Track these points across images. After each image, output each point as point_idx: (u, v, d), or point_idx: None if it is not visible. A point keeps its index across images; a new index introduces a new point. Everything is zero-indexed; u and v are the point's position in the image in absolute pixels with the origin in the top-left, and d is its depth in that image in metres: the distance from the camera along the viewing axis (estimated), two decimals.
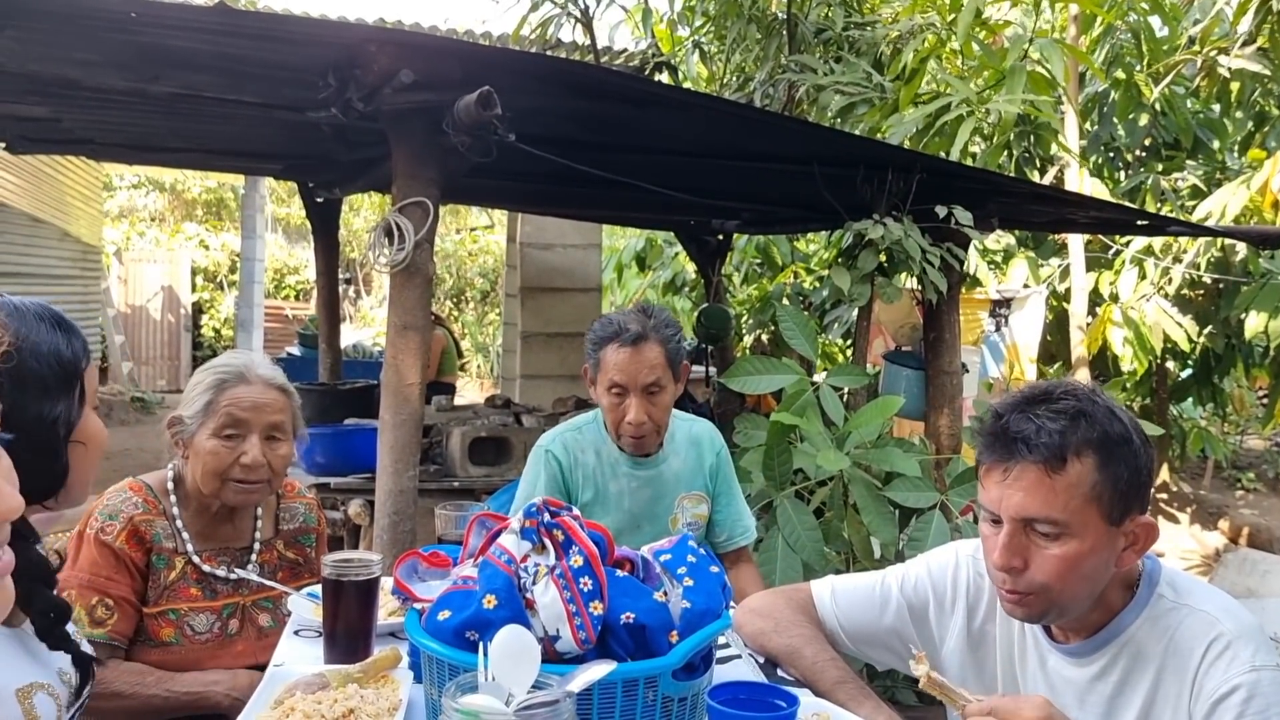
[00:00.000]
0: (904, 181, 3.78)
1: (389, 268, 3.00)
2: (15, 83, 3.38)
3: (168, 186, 17.27)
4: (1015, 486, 1.39)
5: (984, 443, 1.45)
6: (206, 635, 1.93)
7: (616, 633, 1.35)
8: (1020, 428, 1.40)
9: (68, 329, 1.36)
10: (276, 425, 1.99)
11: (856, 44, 5.64)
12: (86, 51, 3.00)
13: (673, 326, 2.40)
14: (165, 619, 1.90)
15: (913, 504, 3.30)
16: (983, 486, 1.45)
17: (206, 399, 1.95)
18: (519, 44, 6.19)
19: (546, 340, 7.14)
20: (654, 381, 2.32)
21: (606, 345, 2.35)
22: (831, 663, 1.64)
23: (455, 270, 17.43)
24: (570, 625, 1.32)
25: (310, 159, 4.78)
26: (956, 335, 4.19)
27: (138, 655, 1.88)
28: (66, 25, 2.75)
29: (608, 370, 2.34)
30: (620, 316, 2.38)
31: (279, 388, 2.02)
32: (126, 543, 1.87)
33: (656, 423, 2.37)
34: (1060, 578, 1.38)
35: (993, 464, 1.43)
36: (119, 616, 1.84)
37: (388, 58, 2.78)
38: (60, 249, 9.91)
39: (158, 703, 1.81)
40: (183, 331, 14.37)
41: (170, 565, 1.92)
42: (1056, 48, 4.93)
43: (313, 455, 4.34)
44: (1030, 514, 1.38)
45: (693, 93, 5.46)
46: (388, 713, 1.38)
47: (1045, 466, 1.37)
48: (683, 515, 2.50)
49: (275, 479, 2.00)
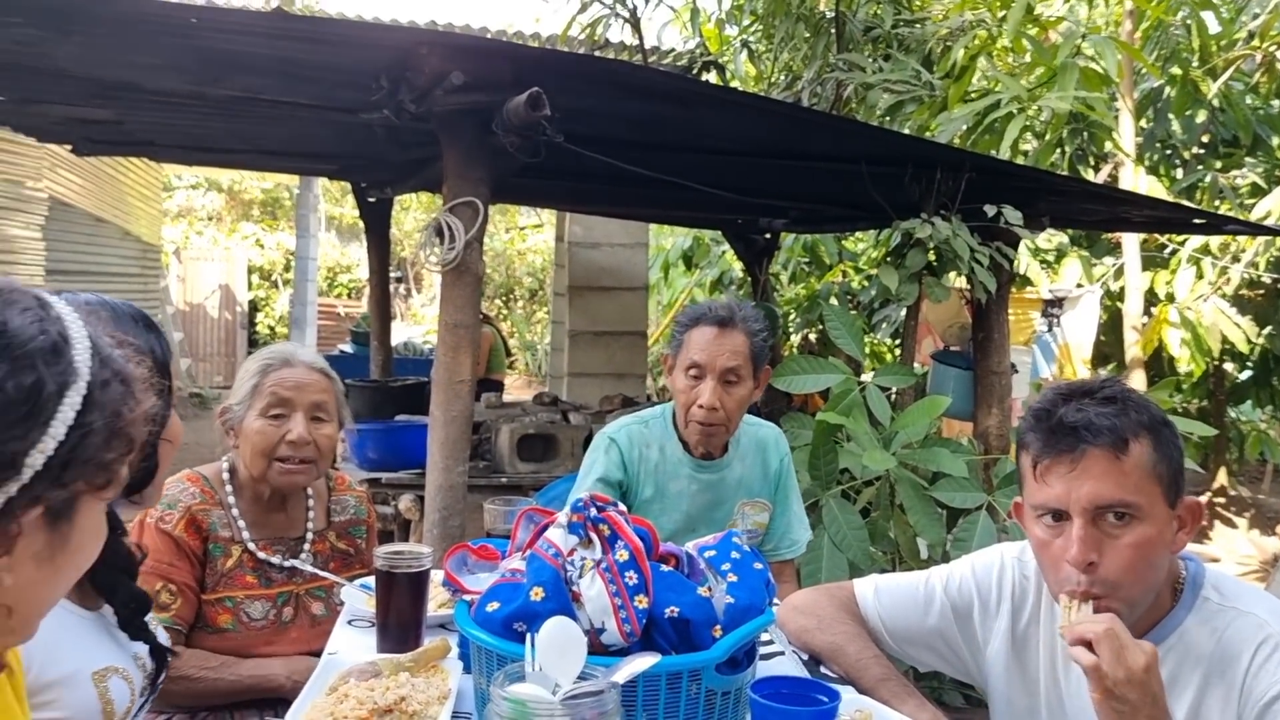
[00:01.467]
0: (953, 180, 3.75)
1: (439, 266, 3.04)
2: (81, 87, 3.48)
3: (225, 187, 17.59)
4: (1085, 476, 1.38)
5: (1040, 439, 1.43)
6: (262, 622, 1.99)
7: (661, 626, 1.37)
8: (1076, 418, 1.40)
9: (155, 329, 1.42)
10: (320, 405, 2.05)
11: (905, 41, 5.59)
12: (149, 56, 3.08)
13: (761, 324, 2.36)
14: (222, 606, 1.96)
15: (959, 504, 3.29)
16: (1041, 484, 1.43)
17: (253, 383, 2.02)
18: (568, 44, 6.23)
19: (594, 338, 7.18)
20: (733, 369, 2.28)
21: (693, 327, 2.32)
22: (874, 660, 1.65)
23: (504, 269, 17.57)
24: (615, 618, 1.34)
25: (363, 159, 4.86)
26: (1006, 335, 4.16)
27: (196, 641, 1.94)
28: (129, 31, 2.83)
29: (690, 350, 2.30)
30: (711, 302, 2.37)
31: (321, 371, 2.09)
32: (185, 531, 1.94)
33: (728, 414, 2.31)
34: (1134, 569, 1.38)
35: (1055, 458, 1.41)
36: (182, 602, 1.91)
37: (439, 60, 2.82)
38: (121, 248, 10.14)
39: (224, 685, 1.88)
40: (239, 329, 14.64)
41: (227, 553, 1.99)
42: (1110, 43, 4.85)
43: (364, 451, 4.41)
44: (1105, 500, 1.37)
45: (740, 92, 5.46)
46: (437, 701, 1.41)
47: (1113, 450, 1.37)
48: (742, 522, 2.45)
49: (322, 459, 2.05)
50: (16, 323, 0.77)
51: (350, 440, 4.51)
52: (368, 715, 1.34)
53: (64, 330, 0.80)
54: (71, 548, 0.82)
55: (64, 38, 2.88)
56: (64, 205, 8.29)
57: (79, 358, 0.79)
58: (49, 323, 0.79)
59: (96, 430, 0.78)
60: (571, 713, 1.11)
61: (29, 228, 7.61)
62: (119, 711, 1.36)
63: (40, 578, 0.81)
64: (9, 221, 7.35)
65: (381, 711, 1.35)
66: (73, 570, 0.84)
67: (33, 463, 0.74)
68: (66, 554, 0.82)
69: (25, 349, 0.76)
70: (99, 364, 0.81)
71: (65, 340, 0.79)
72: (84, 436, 0.77)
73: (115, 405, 0.81)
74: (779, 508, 2.53)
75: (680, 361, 2.34)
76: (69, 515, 0.80)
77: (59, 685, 1.28)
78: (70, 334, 0.80)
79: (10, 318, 0.77)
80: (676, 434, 2.41)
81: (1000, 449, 4.05)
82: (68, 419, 0.76)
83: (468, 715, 1.45)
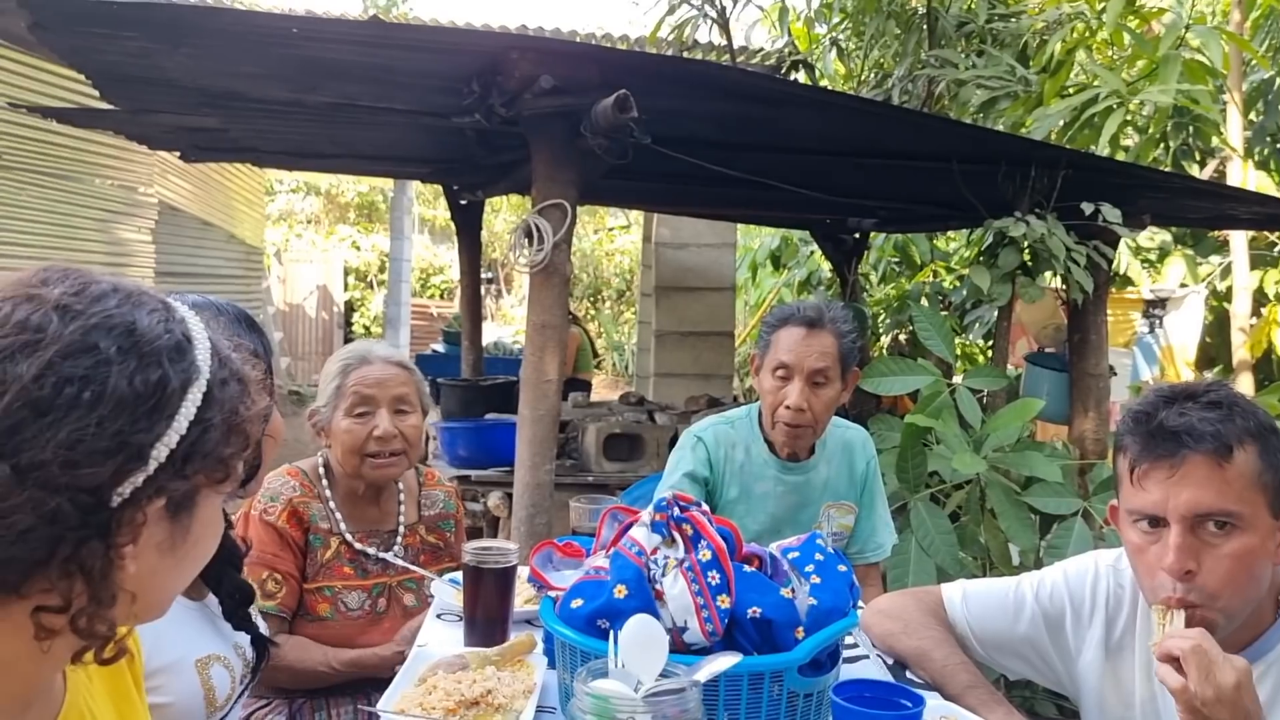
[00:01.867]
0: (1048, 177, 3.66)
1: (528, 268, 3.08)
2: (189, 96, 3.62)
3: (323, 190, 18.08)
4: (1185, 482, 1.34)
5: (1140, 443, 1.40)
6: (358, 612, 2.05)
7: (743, 626, 1.37)
8: (1178, 422, 1.36)
9: (257, 329, 1.49)
10: (402, 398, 2.10)
11: (1000, 36, 5.47)
12: (252, 65, 3.19)
13: (850, 325, 2.34)
14: (322, 595, 2.03)
15: (1053, 510, 3.21)
16: (1139, 489, 1.39)
17: (335, 384, 2.08)
18: (656, 46, 6.25)
19: (680, 339, 7.18)
20: (821, 370, 2.26)
21: (781, 327, 2.31)
22: (962, 666, 1.62)
23: (592, 270, 17.69)
24: (698, 618, 1.35)
25: (455, 163, 4.95)
26: (1103, 336, 4.04)
27: (298, 629, 2.02)
28: (235, 42, 2.94)
29: (777, 351, 2.29)
30: (800, 302, 2.37)
31: (399, 364, 2.14)
32: (287, 522, 2.01)
33: (816, 416, 2.28)
34: (1233, 580, 1.33)
35: (1154, 463, 1.37)
36: (286, 590, 1.99)
37: (528, 64, 2.86)
38: (226, 250, 10.51)
39: (323, 669, 1.95)
40: (335, 328, 15.05)
41: (326, 545, 2.06)
42: (1215, 34, 4.67)
43: (455, 448, 4.49)
44: (1205, 508, 1.33)
45: (828, 91, 5.40)
46: (522, 695, 1.44)
47: (1215, 456, 1.33)
48: (828, 524, 2.43)
49: (411, 450, 2.11)
50: (145, 323, 0.81)
51: (441, 438, 4.60)
52: (455, 707, 1.37)
53: (187, 331, 0.85)
54: (191, 539, 0.86)
55: (174, 50, 3.00)
56: (173, 210, 8.63)
57: (200, 357, 0.84)
58: (173, 323, 0.84)
59: (215, 426, 0.83)
60: (653, 710, 1.12)
61: (140, 231, 7.95)
62: (220, 698, 1.42)
63: (163, 567, 0.84)
64: (122, 225, 7.69)
65: (468, 703, 1.39)
66: (192, 562, 0.89)
67: (157, 455, 0.79)
68: (187, 545, 0.85)
69: (153, 346, 0.80)
70: (218, 363, 0.85)
71: (188, 340, 0.84)
72: (204, 431, 0.82)
73: (233, 403, 0.85)
74: (864, 510, 2.50)
75: (768, 362, 2.32)
76: (189, 507, 0.84)
77: (164, 672, 1.34)
78: (193, 334, 0.85)
79: (139, 318, 0.81)
80: (762, 435, 2.40)
81: (1097, 453, 3.94)
82: (190, 414, 0.81)
83: (552, 709, 1.48)
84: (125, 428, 0.77)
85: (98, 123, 5.04)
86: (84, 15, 2.77)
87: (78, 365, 0.76)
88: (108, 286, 0.84)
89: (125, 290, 0.85)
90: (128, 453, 0.77)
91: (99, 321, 0.80)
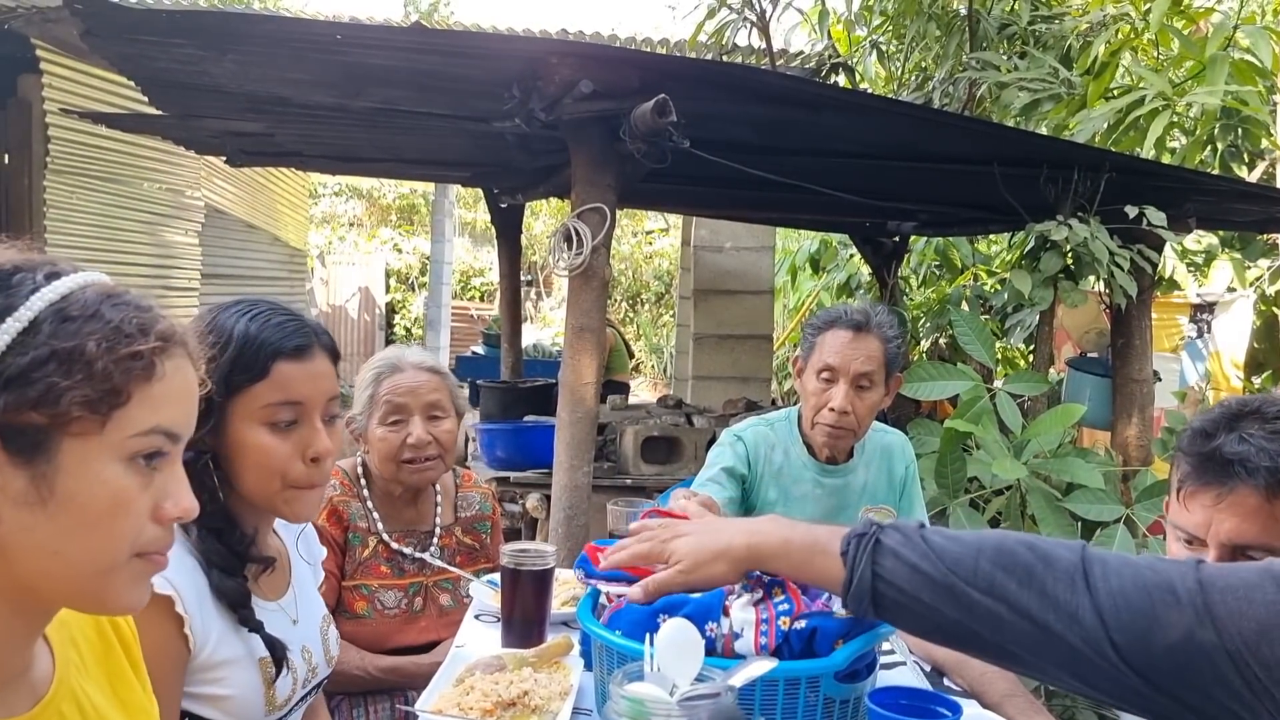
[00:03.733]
0: (1091, 180, 3.62)
1: (568, 271, 3.10)
2: (235, 102, 3.69)
3: (365, 194, 18.25)
4: (1230, 512, 1.31)
5: (1191, 464, 1.36)
6: (395, 611, 2.08)
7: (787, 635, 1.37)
8: (1236, 450, 1.31)
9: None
10: (435, 404, 2.12)
11: (1042, 38, 5.41)
12: (297, 72, 3.24)
13: (896, 330, 2.34)
14: (359, 593, 2.06)
15: (1095, 517, 3.17)
16: (1183, 507, 1.37)
17: (369, 393, 2.11)
18: (696, 50, 6.25)
19: (718, 342, 7.17)
20: (866, 374, 2.25)
21: (827, 330, 2.30)
22: (1000, 675, 1.61)
23: (631, 272, 17.71)
24: (756, 629, 1.35)
25: (495, 167, 4.98)
26: (1148, 341, 3.98)
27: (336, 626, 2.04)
28: (280, 49, 2.98)
29: (823, 353, 2.28)
30: (846, 305, 2.35)
31: (431, 369, 2.16)
32: (328, 521, 2.05)
33: (858, 420, 2.28)
34: None
35: (1202, 487, 1.34)
36: (326, 588, 2.01)
37: (568, 69, 2.88)
38: (271, 252, 10.66)
39: (359, 673, 1.98)
40: (377, 330, 15.20)
41: (364, 543, 2.09)
42: (1265, 34, 4.58)
43: (493, 450, 4.53)
44: (1246, 540, 1.30)
45: (867, 95, 5.38)
46: (559, 696, 1.45)
47: (1266, 491, 1.29)
48: None
49: (447, 454, 2.13)
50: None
51: (480, 440, 4.63)
52: (492, 708, 1.39)
53: (33, 274, 0.85)
54: (64, 494, 0.82)
55: (221, 56, 3.05)
56: (219, 212, 8.77)
57: (42, 295, 0.83)
58: (25, 269, 0.85)
59: (40, 355, 0.80)
60: (688, 713, 1.12)
61: (187, 234, 8.09)
62: (280, 698, 1.44)
63: (35, 524, 0.81)
64: (169, 228, 7.83)
65: (505, 704, 1.40)
66: (82, 526, 0.83)
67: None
68: (58, 500, 0.82)
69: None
70: (67, 301, 0.84)
71: (24, 277, 0.84)
72: (22, 358, 0.80)
73: (76, 338, 0.82)
74: (903, 515, 2.48)
75: (812, 364, 2.32)
76: (43, 452, 0.81)
77: (228, 665, 1.36)
78: (38, 278, 0.85)
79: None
80: (801, 438, 2.40)
81: (1141, 460, 3.88)
82: (3, 342, 0.80)
83: (588, 711, 1.49)
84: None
85: (146, 128, 5.15)
86: (134, 23, 2.83)
87: None
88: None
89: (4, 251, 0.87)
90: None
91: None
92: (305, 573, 1.63)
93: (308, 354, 1.43)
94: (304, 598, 1.59)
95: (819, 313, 2.42)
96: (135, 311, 0.87)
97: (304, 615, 1.56)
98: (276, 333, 1.41)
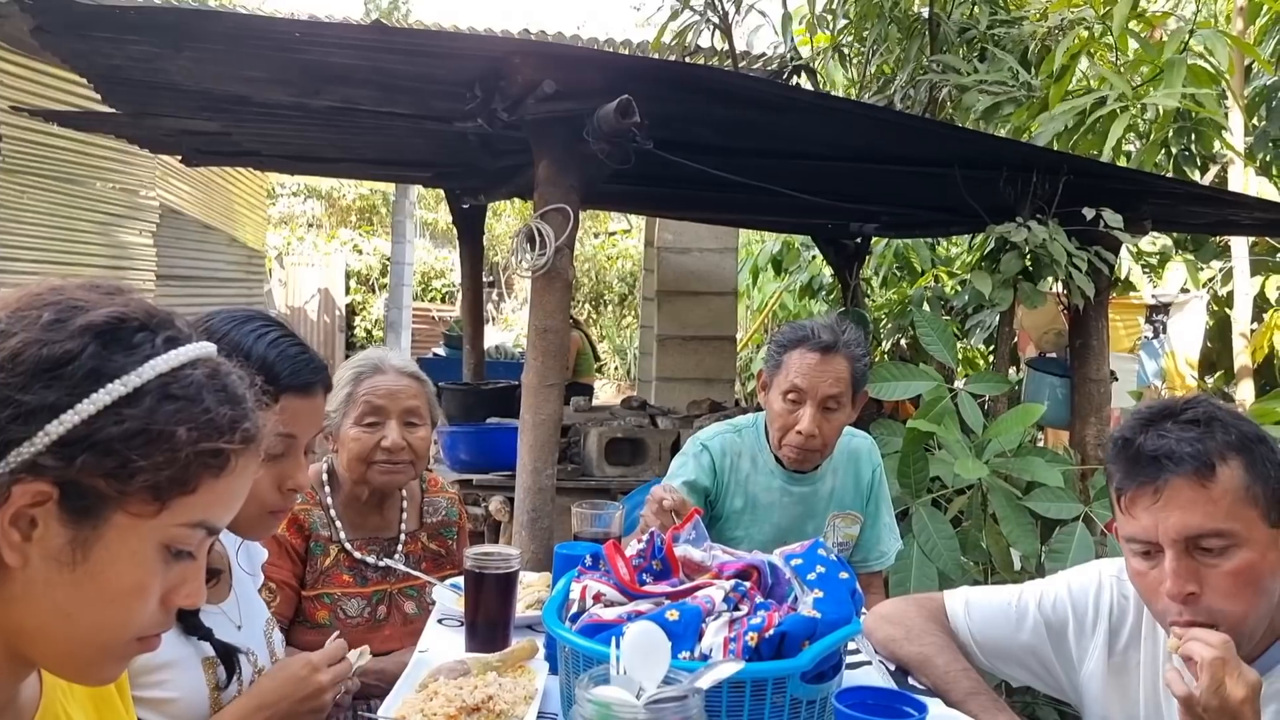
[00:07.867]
0: (1050, 183, 3.65)
1: (530, 272, 3.08)
2: (191, 100, 3.63)
3: (324, 194, 18.09)
4: (1170, 506, 1.33)
5: (1122, 470, 1.39)
6: (358, 619, 2.05)
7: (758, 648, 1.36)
8: (1157, 445, 1.35)
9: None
10: (412, 410, 2.10)
11: (1002, 42, 5.47)
12: (255, 70, 3.19)
13: (863, 347, 2.31)
14: (321, 602, 2.03)
15: (1055, 515, 3.20)
16: (1129, 517, 1.39)
17: (347, 391, 2.08)
18: (659, 51, 6.25)
19: (682, 343, 7.18)
20: (834, 396, 2.22)
21: (794, 349, 2.26)
22: (964, 673, 1.62)
23: (594, 274, 17.68)
24: (724, 651, 1.34)
25: (457, 167, 4.95)
26: (1105, 342, 4.03)
27: (296, 636, 2.01)
28: (237, 46, 2.94)
29: (789, 373, 2.24)
30: (813, 323, 2.30)
31: (412, 375, 2.14)
32: (288, 530, 2.01)
33: (825, 441, 2.26)
34: (1239, 596, 1.32)
35: (1138, 489, 1.37)
36: (280, 599, 1.98)
37: (531, 69, 2.86)
38: (228, 253, 10.51)
39: None
40: (337, 332, 15.06)
41: (326, 552, 2.06)
42: (1221, 37, 4.67)
43: (456, 453, 4.50)
44: (1193, 530, 1.32)
45: (830, 97, 5.40)
46: (524, 700, 1.44)
47: (1196, 477, 1.32)
48: (833, 534, 2.41)
49: (418, 461, 2.11)
50: (98, 314, 0.81)
51: (442, 442, 4.60)
52: (456, 713, 1.37)
53: (153, 332, 0.83)
54: (94, 563, 0.80)
55: (177, 54, 3.00)
56: (174, 213, 8.63)
57: (156, 361, 0.81)
58: (144, 322, 0.83)
59: (132, 428, 0.79)
60: (655, 716, 1.12)
61: (142, 234, 7.95)
62: (225, 700, 1.42)
63: (59, 582, 0.79)
64: (123, 228, 7.70)
65: (469, 709, 1.38)
66: (99, 597, 0.81)
67: (48, 431, 0.76)
68: (87, 567, 0.80)
69: (78, 327, 0.80)
70: (177, 379, 0.82)
71: (144, 336, 0.82)
72: (113, 425, 0.78)
73: (173, 420, 0.80)
74: (870, 519, 2.49)
75: (778, 383, 2.28)
76: (92, 520, 0.79)
77: (171, 667, 1.34)
78: (157, 338, 0.83)
79: (98, 311, 0.82)
80: (769, 445, 2.38)
81: (1098, 459, 3.93)
82: (102, 401, 0.78)
83: (553, 715, 1.47)
84: (12, 384, 0.76)
85: (99, 126, 5.05)
86: (87, 19, 2.77)
87: (7, 321, 0.79)
88: (133, 295, 0.85)
89: (134, 298, 0.85)
90: (14, 409, 0.76)
91: (55, 300, 0.81)
92: (246, 579, 1.62)
93: (312, 391, 1.44)
94: (245, 601, 1.57)
95: (785, 327, 2.38)
96: (231, 405, 0.86)
97: (247, 619, 1.55)
98: (289, 366, 1.42)
